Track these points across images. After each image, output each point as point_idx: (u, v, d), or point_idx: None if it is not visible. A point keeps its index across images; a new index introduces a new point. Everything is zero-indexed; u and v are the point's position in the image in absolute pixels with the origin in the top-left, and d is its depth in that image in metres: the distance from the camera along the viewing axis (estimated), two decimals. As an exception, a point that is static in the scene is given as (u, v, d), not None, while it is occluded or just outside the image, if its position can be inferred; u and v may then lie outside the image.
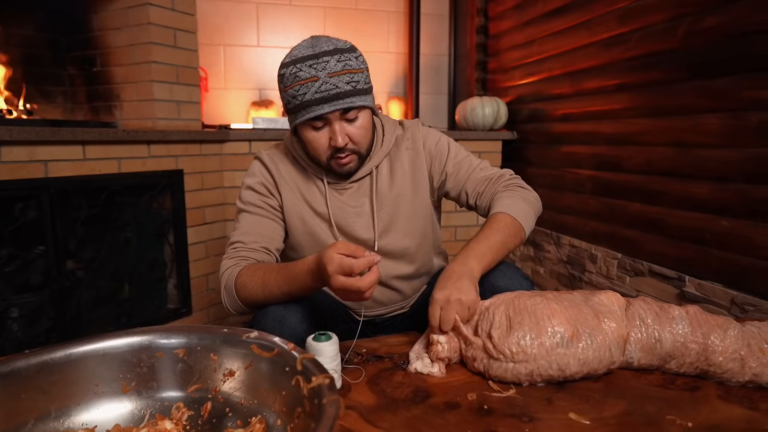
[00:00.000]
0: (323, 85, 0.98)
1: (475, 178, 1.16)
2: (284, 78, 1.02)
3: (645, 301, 0.94)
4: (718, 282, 1.56)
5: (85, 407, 0.67)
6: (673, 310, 0.90)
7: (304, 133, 1.05)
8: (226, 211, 2.33)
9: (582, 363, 0.85)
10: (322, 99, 0.99)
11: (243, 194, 1.15)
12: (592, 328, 0.86)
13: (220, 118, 2.92)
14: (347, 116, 1.02)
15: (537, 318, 0.87)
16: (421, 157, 1.17)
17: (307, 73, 0.98)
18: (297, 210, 1.13)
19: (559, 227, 2.39)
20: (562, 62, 2.30)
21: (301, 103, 1.00)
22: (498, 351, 0.86)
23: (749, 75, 1.44)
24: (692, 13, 1.62)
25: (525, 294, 0.93)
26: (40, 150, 1.61)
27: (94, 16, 2.15)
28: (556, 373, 0.85)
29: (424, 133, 1.19)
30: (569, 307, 0.89)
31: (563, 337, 0.85)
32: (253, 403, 0.66)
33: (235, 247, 1.08)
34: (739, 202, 1.49)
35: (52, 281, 1.68)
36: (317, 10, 3.06)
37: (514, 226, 1.04)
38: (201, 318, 2.25)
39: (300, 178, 1.15)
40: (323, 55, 0.99)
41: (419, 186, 1.17)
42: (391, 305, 1.23)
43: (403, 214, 1.15)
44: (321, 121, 1.02)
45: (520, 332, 0.86)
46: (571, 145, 2.28)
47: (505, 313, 0.89)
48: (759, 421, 0.75)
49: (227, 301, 1.04)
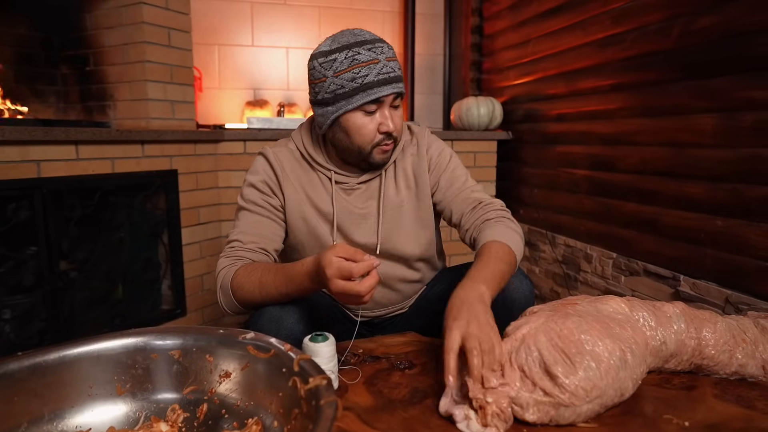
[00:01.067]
0: (384, 67, 1.00)
1: (464, 198, 1.13)
2: (335, 63, 1.00)
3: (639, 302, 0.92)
4: (712, 281, 1.57)
5: (79, 410, 0.66)
6: (666, 309, 0.90)
7: (353, 120, 1.02)
8: (220, 211, 2.32)
9: (635, 382, 0.78)
10: (385, 80, 1.00)
11: (245, 191, 1.13)
12: (629, 342, 0.79)
13: (214, 118, 2.91)
14: (395, 102, 1.04)
15: (590, 342, 0.76)
16: (424, 163, 1.16)
17: (366, 56, 0.99)
18: (300, 210, 1.12)
19: (554, 227, 2.39)
20: (557, 62, 2.30)
21: (361, 86, 0.99)
22: (570, 393, 0.72)
23: (743, 75, 1.45)
24: (686, 13, 1.62)
25: (555, 315, 0.82)
26: (33, 150, 1.59)
27: (87, 14, 2.13)
28: (618, 399, 0.76)
29: (428, 140, 1.19)
30: (598, 321, 0.81)
31: (620, 358, 0.76)
32: (250, 405, 0.66)
33: (232, 246, 1.07)
34: (733, 202, 1.50)
35: (44, 282, 1.66)
36: (312, 9, 3.05)
37: (512, 257, 0.99)
38: (196, 319, 2.23)
39: (305, 177, 1.13)
40: (376, 41, 1.02)
41: (423, 191, 1.16)
42: (391, 306, 1.23)
43: (407, 220, 1.15)
44: (375, 105, 1.02)
45: (584, 363, 0.73)
46: (566, 145, 2.29)
47: (551, 343, 0.76)
48: (756, 419, 0.75)
49: (223, 301, 1.03)
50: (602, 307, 0.87)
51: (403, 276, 1.19)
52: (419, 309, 1.24)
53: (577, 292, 2.22)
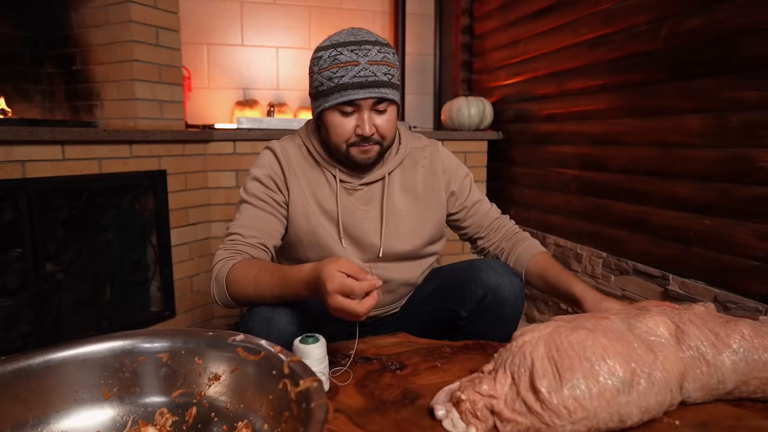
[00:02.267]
0: (363, 70, 0.99)
1: (489, 218, 1.26)
2: (320, 60, 1.02)
3: (698, 325, 0.79)
4: (701, 280, 1.58)
5: (64, 414, 0.65)
6: (731, 340, 0.77)
7: (330, 118, 1.04)
8: (210, 212, 2.30)
9: (644, 410, 0.70)
10: (360, 84, 0.99)
11: (248, 185, 1.12)
12: (650, 366, 0.71)
13: (203, 118, 2.88)
14: (378, 107, 1.03)
15: (590, 359, 0.69)
16: (439, 180, 1.18)
17: (347, 56, 0.99)
18: (303, 207, 1.11)
19: (544, 227, 2.40)
20: (547, 62, 2.31)
21: (336, 86, 1.00)
22: (550, 410, 0.67)
23: (730, 76, 1.46)
24: (674, 14, 1.64)
25: (565, 327, 0.75)
26: (18, 150, 1.57)
27: (74, 13, 2.10)
28: (616, 426, 0.69)
29: (443, 158, 1.21)
30: (616, 340, 0.73)
31: (624, 381, 0.69)
32: (240, 408, 0.65)
33: (232, 239, 1.06)
34: (720, 202, 1.51)
35: (30, 284, 1.64)
36: (302, 9, 3.04)
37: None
38: (185, 320, 2.21)
39: (311, 174, 1.13)
40: (365, 43, 1.01)
41: (434, 207, 1.18)
42: (384, 308, 1.23)
43: (409, 226, 1.15)
44: (352, 107, 1.02)
45: (573, 381, 0.68)
46: (556, 145, 2.30)
47: (548, 356, 0.71)
48: (745, 417, 0.75)
49: (216, 293, 1.03)
50: (637, 324, 0.78)
51: (402, 279, 1.19)
52: (410, 309, 1.24)
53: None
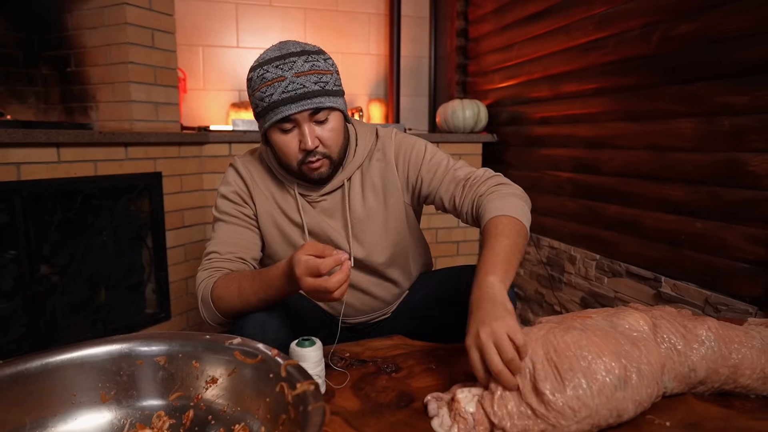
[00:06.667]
0: (290, 84, 0.96)
1: (449, 181, 1.09)
2: (252, 82, 1.00)
3: (668, 320, 0.83)
4: (692, 282, 1.60)
5: (62, 418, 0.65)
6: (699, 331, 0.81)
7: (274, 138, 1.02)
8: (205, 213, 2.30)
9: (637, 404, 0.72)
10: (290, 99, 0.96)
11: (218, 203, 1.12)
12: (637, 361, 0.74)
13: (199, 120, 2.88)
14: (317, 117, 0.99)
15: (586, 358, 0.71)
16: (392, 167, 1.13)
17: (273, 73, 0.96)
18: (272, 219, 1.11)
19: (538, 229, 2.42)
20: (541, 66, 2.33)
21: (268, 105, 0.97)
22: (556, 412, 0.68)
23: (721, 81, 1.48)
24: (667, 20, 1.65)
25: (558, 328, 0.77)
26: (12, 152, 1.56)
27: (69, 15, 2.10)
28: (614, 420, 0.71)
29: (396, 142, 1.15)
30: (605, 337, 0.75)
31: (619, 377, 0.71)
32: (237, 411, 0.66)
33: (209, 258, 1.06)
34: (711, 205, 1.53)
35: (25, 287, 1.63)
36: (297, 11, 3.05)
37: (516, 225, 0.94)
38: (180, 322, 2.21)
39: (274, 187, 1.12)
40: (290, 56, 0.98)
41: (391, 197, 1.14)
42: (372, 313, 1.23)
43: (377, 228, 1.13)
44: (289, 123, 0.99)
45: (574, 381, 0.69)
46: (550, 148, 2.31)
47: (547, 357, 0.72)
48: (734, 418, 0.77)
49: (206, 314, 1.02)
50: (618, 322, 0.81)
51: (379, 283, 1.18)
52: (402, 315, 1.24)
53: (562, 293, 2.25)
